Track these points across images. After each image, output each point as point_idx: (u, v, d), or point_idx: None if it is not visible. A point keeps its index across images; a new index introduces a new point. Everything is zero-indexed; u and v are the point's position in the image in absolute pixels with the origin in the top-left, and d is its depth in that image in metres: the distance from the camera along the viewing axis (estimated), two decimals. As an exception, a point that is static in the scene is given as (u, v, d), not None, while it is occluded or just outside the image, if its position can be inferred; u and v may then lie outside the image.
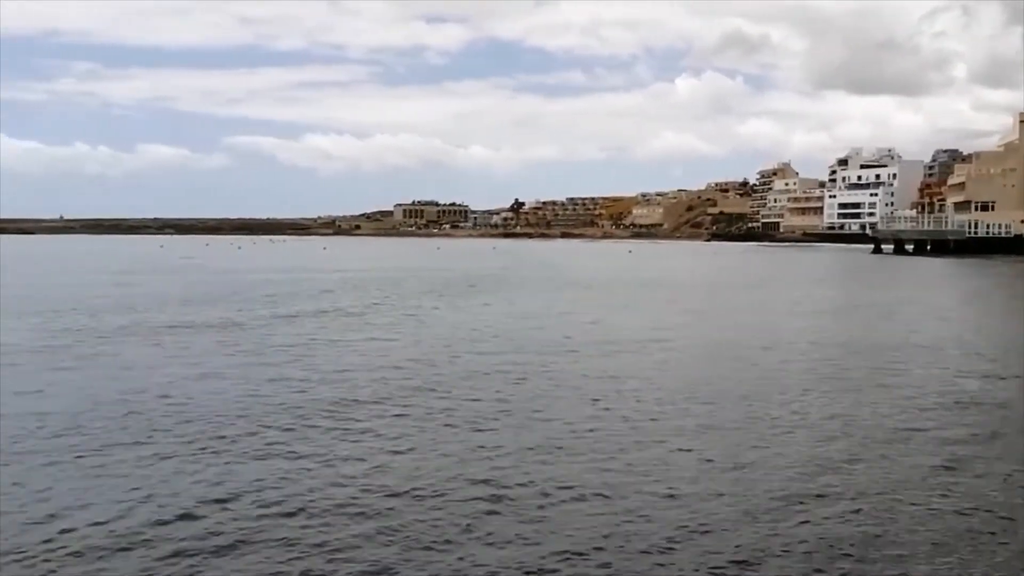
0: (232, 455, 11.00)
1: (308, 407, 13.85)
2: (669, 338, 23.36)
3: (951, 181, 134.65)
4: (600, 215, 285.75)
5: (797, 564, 7.69)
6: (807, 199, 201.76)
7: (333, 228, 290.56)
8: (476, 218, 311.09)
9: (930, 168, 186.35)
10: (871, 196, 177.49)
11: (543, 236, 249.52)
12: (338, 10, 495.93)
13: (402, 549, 7.93)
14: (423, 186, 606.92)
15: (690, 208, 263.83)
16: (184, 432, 12.07)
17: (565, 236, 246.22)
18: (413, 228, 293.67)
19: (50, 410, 13.33)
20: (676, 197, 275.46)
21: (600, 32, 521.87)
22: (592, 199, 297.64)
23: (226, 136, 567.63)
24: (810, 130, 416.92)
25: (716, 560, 7.75)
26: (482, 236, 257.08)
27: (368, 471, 10.36)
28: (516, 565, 7.59)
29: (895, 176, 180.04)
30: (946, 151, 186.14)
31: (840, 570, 7.58)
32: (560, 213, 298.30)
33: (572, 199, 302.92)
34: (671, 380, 17.07)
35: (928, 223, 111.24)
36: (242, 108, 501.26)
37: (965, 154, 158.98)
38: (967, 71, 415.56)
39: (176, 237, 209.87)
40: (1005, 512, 9.09)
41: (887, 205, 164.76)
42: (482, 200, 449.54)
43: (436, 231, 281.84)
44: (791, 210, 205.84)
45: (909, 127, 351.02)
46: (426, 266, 72.14)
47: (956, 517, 8.93)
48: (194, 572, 7.43)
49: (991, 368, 18.75)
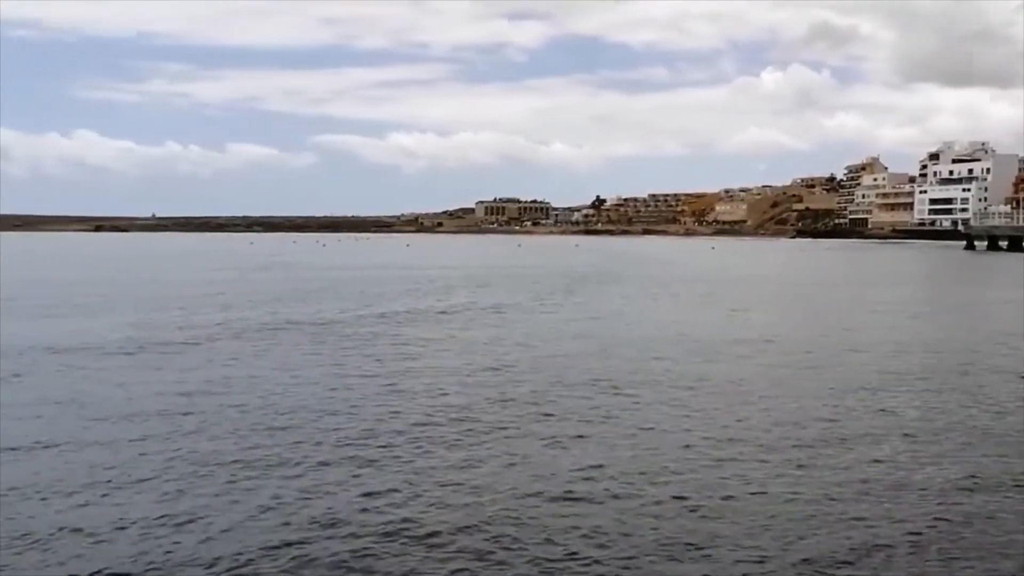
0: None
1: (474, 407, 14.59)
2: (775, 338, 23.48)
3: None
4: (682, 212, 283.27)
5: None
6: (896, 195, 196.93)
7: (416, 225, 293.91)
8: (557, 215, 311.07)
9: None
10: (963, 192, 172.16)
11: (624, 233, 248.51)
12: (420, 9, 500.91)
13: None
14: (504, 183, 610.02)
15: (775, 204, 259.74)
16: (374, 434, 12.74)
17: (646, 233, 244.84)
18: (494, 225, 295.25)
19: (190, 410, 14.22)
20: (760, 193, 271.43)
21: (682, 26, 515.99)
22: (674, 195, 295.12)
23: (312, 135, 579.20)
24: (899, 124, 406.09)
25: None
26: (563, 233, 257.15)
27: (574, 469, 10.83)
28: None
29: (989, 171, 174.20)
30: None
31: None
32: (641, 210, 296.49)
33: (654, 195, 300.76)
34: (802, 384, 17.22)
35: (1023, 219, 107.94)
36: (327, 107, 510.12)
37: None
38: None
39: (264, 235, 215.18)
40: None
41: (980, 201, 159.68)
42: (563, 197, 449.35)
43: (517, 228, 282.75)
44: (880, 206, 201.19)
45: (1003, 120, 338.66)
46: (526, 263, 72.77)
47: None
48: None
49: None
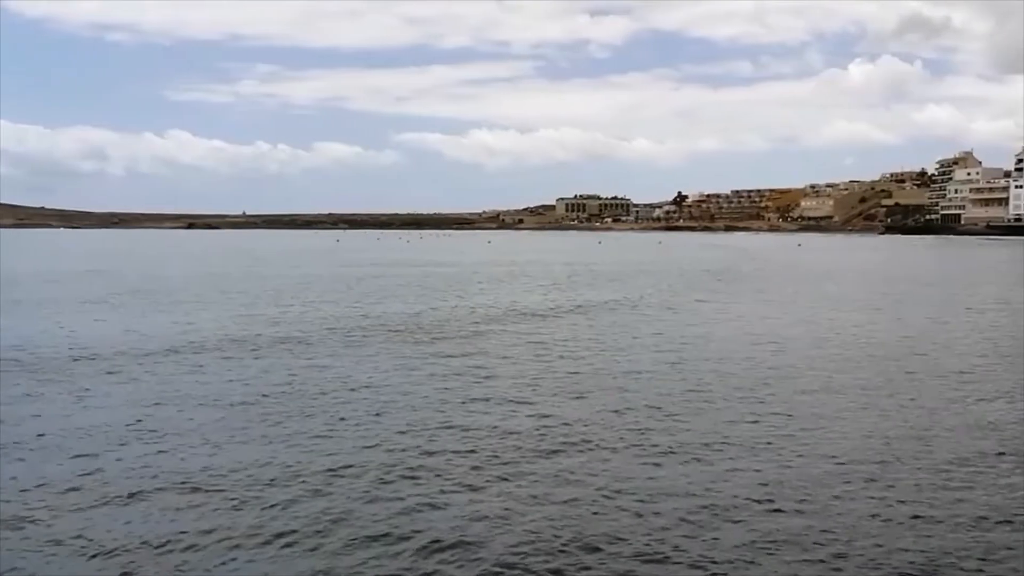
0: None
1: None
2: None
3: None
4: (766, 208, 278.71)
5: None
6: (991, 189, 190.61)
7: (497, 222, 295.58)
8: (638, 211, 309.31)
9: None
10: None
11: (706, 229, 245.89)
12: (502, 7, 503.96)
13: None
14: (585, 180, 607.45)
15: (863, 200, 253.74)
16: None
17: (729, 229, 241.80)
18: (575, 222, 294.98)
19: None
20: (848, 188, 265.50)
21: (766, 19, 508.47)
22: (758, 191, 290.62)
23: (396, 133, 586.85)
24: (994, 117, 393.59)
25: None
26: (644, 229, 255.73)
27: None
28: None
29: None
30: None
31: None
32: (724, 206, 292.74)
33: (737, 191, 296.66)
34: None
35: None
36: (411, 106, 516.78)
37: None
38: None
39: (349, 232, 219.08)
40: None
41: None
42: (644, 193, 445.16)
43: (598, 224, 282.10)
44: (973, 201, 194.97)
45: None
46: (642, 259, 72.69)
47: None
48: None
49: None
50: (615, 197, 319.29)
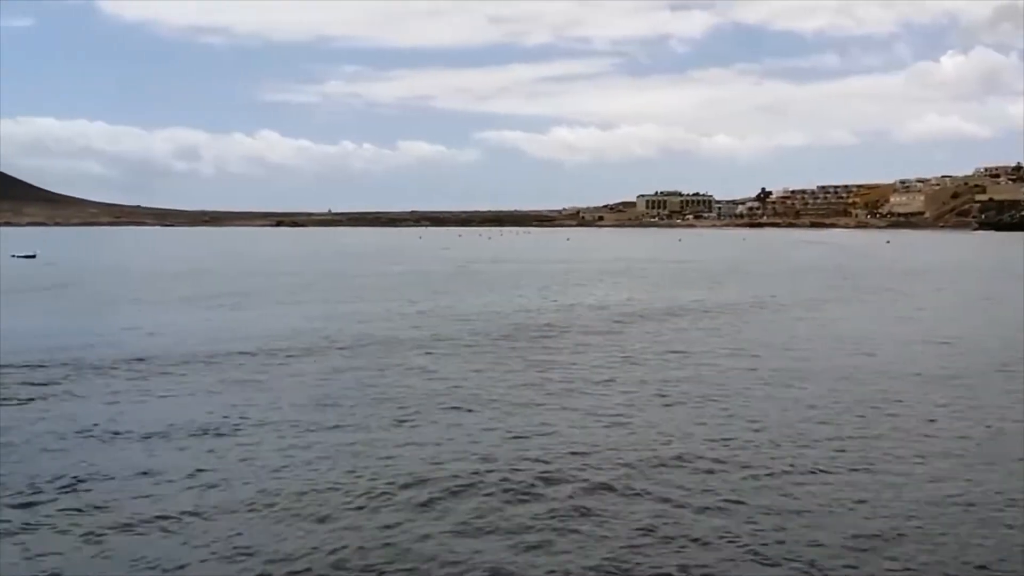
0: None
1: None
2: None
3: None
4: (853, 204, 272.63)
5: None
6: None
7: (577, 219, 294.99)
8: (720, 208, 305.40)
9: None
10: None
11: (790, 226, 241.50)
12: (583, 4, 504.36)
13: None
14: (666, 176, 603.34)
15: (955, 195, 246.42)
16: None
17: (815, 226, 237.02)
18: (656, 219, 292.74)
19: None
20: (939, 183, 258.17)
21: (854, 11, 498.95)
22: (844, 187, 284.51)
23: (477, 131, 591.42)
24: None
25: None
26: (726, 227, 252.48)
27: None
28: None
29: None
30: None
31: None
32: (809, 202, 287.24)
33: (823, 187, 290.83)
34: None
35: None
36: (492, 104, 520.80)
37: None
38: None
39: (431, 229, 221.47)
40: None
41: None
42: (726, 190, 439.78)
43: (679, 221, 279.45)
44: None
45: None
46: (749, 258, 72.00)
47: None
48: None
49: None
50: (696, 194, 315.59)
